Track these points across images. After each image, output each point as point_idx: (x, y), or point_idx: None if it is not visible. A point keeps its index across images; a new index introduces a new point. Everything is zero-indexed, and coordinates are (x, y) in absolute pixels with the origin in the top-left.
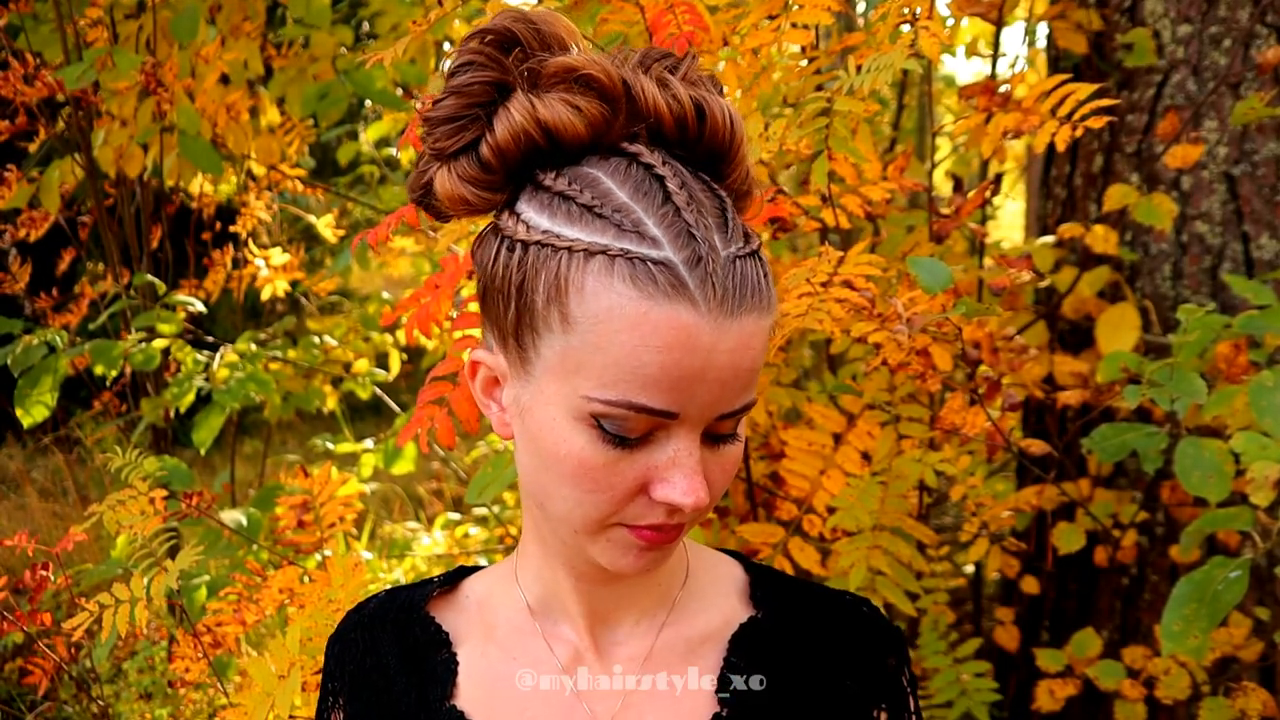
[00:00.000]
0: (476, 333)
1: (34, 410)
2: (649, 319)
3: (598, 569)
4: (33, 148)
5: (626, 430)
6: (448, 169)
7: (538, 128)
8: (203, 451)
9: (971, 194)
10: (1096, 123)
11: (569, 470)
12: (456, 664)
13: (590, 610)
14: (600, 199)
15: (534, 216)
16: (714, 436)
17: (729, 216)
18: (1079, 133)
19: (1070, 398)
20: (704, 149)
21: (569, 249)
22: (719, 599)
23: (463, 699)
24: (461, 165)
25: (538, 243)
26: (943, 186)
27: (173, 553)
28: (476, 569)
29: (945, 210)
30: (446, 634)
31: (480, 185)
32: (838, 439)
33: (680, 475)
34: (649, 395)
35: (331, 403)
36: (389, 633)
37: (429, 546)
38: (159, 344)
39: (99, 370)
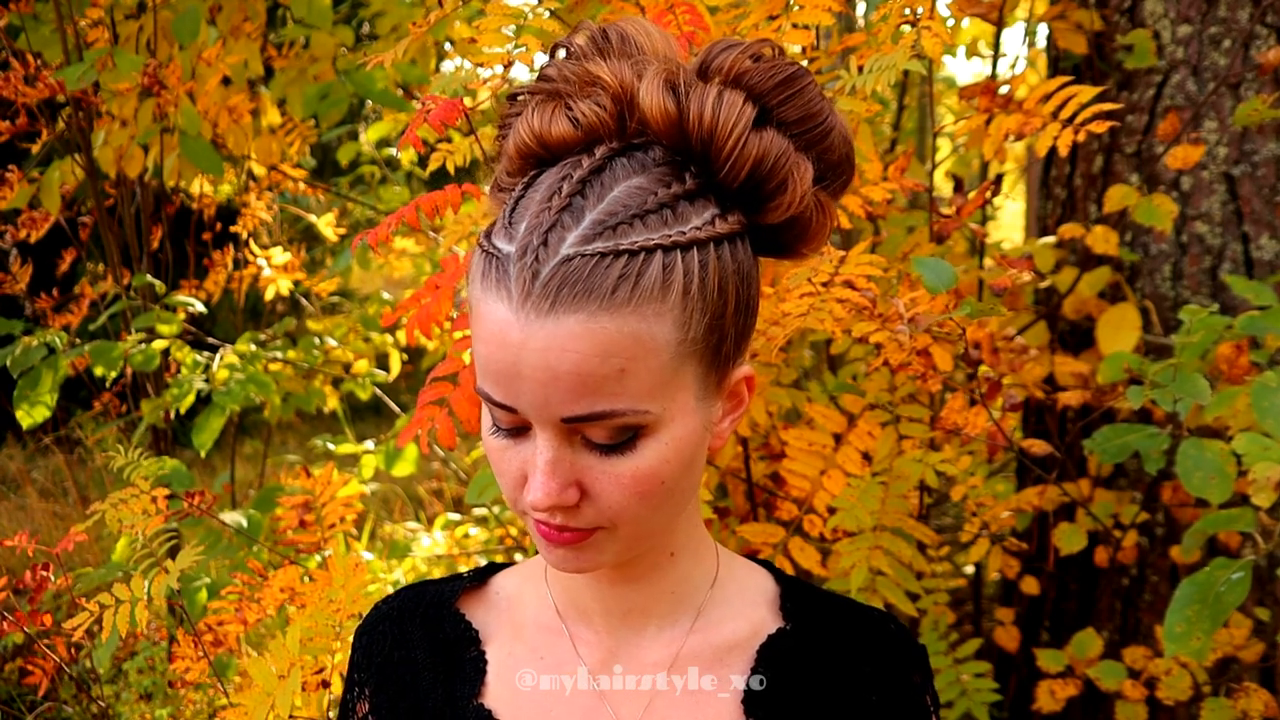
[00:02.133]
0: None
1: (34, 411)
2: (481, 310)
3: (607, 569)
4: (35, 149)
5: (497, 419)
6: (494, 174)
7: (533, 137)
8: (203, 454)
9: (972, 194)
10: (1099, 127)
11: (486, 451)
12: (486, 662)
13: (610, 611)
14: (523, 198)
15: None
16: (597, 445)
17: (631, 213)
18: (1081, 136)
19: (1071, 398)
20: (691, 148)
21: (478, 244)
22: (747, 608)
23: (490, 697)
24: (498, 170)
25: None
26: (943, 187)
27: (173, 553)
28: (506, 565)
29: (946, 210)
30: (476, 631)
31: (504, 189)
32: (838, 439)
33: (532, 472)
34: (489, 386)
35: (332, 403)
36: (418, 627)
37: (429, 547)
38: (158, 345)
39: (99, 371)
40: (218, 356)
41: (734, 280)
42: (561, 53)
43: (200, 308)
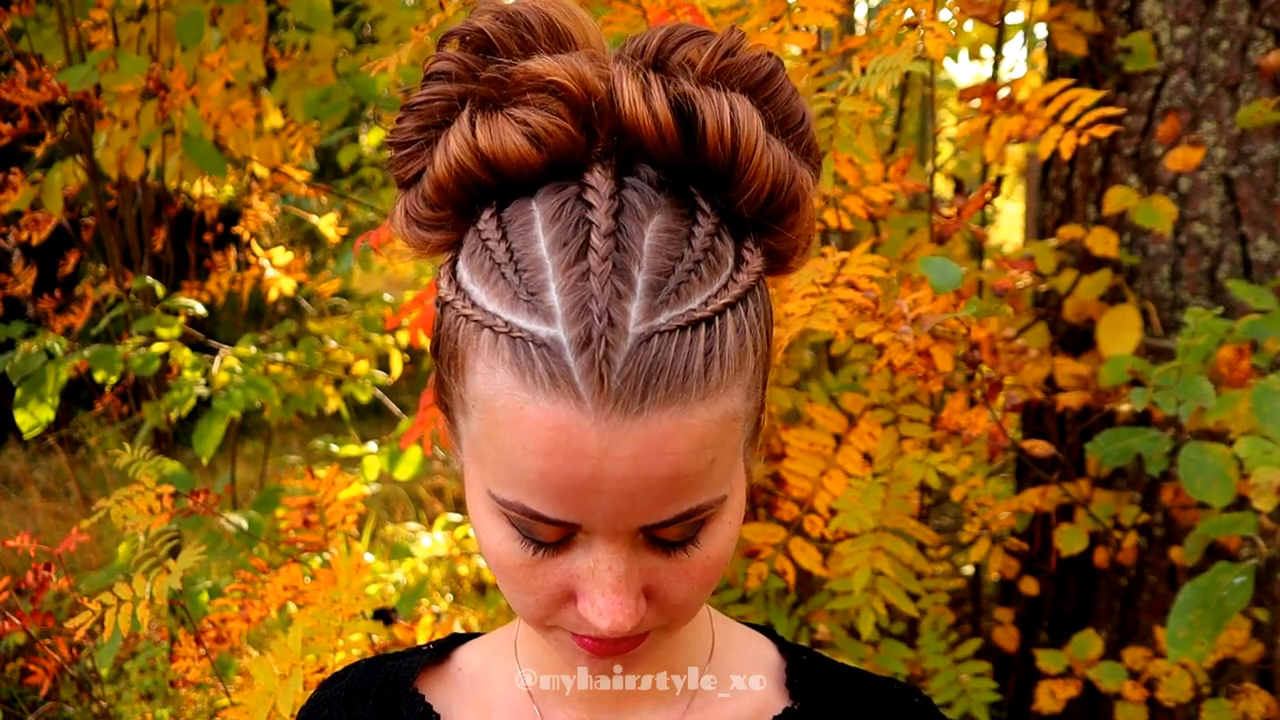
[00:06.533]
0: None
1: (38, 411)
2: (526, 416)
3: None
4: (38, 151)
5: (535, 533)
6: (402, 203)
7: (476, 159)
8: (204, 460)
9: (972, 196)
10: (1102, 131)
11: (494, 565)
12: None
13: (597, 698)
14: (516, 251)
15: (460, 267)
16: (662, 542)
17: (683, 267)
18: (1084, 140)
19: (1071, 400)
20: (696, 165)
21: (467, 317)
22: (748, 684)
23: None
24: (410, 200)
25: (449, 303)
26: (944, 189)
27: (174, 554)
28: (470, 637)
29: (947, 212)
30: (438, 715)
31: (426, 225)
32: (839, 439)
33: (599, 592)
34: (539, 502)
35: (335, 403)
36: (370, 710)
37: (430, 548)
38: (158, 348)
39: (99, 376)
40: (217, 359)
41: (771, 322)
42: (456, 43)
43: (200, 310)
